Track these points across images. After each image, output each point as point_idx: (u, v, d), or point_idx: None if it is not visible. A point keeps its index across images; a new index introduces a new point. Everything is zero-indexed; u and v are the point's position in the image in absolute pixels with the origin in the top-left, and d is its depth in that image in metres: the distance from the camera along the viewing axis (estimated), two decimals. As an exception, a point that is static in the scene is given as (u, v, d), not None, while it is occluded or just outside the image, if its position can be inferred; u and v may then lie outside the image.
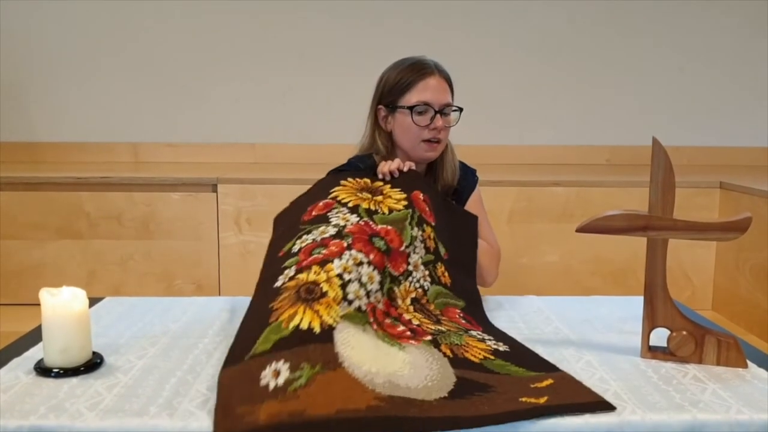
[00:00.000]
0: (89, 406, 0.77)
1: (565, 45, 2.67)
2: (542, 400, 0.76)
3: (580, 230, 0.96)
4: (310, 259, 0.97)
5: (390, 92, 1.27)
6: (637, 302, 1.19)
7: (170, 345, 0.98)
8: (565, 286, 2.13)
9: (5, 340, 1.02)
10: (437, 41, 2.57)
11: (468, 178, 1.37)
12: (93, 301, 1.20)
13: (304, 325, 0.84)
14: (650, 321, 0.94)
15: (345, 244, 0.99)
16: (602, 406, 0.76)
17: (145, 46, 2.59)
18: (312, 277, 0.93)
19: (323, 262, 0.95)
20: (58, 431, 0.73)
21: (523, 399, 0.76)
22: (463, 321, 1.03)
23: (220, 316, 1.12)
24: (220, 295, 2.02)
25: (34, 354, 0.93)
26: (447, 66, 1.32)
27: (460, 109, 1.28)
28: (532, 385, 0.80)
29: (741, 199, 2.04)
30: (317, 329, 0.84)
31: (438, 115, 1.23)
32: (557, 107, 2.70)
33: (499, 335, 1.00)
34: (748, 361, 0.91)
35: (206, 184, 2.09)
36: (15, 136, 2.58)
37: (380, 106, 1.29)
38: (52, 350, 0.87)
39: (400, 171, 1.17)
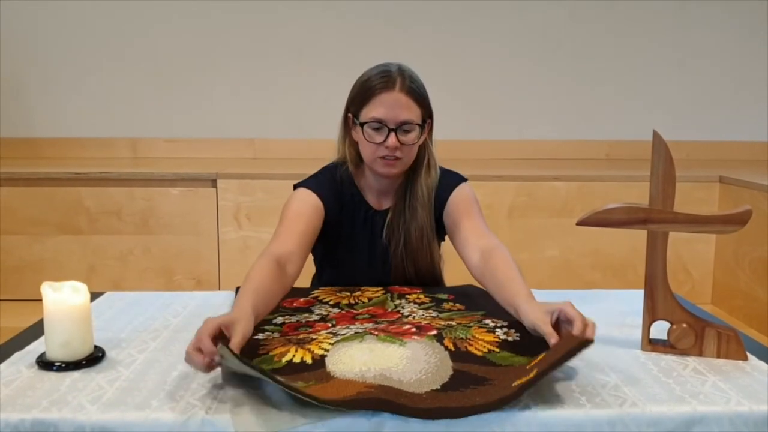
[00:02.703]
0: (91, 400, 0.77)
1: (564, 40, 2.67)
2: (532, 374, 0.76)
3: (580, 223, 0.96)
4: (295, 332, 0.99)
5: (353, 102, 1.20)
6: (637, 296, 1.19)
7: (171, 339, 0.98)
8: (566, 280, 2.13)
9: (5, 335, 1.02)
10: (436, 37, 2.57)
11: (446, 184, 1.25)
12: (94, 296, 1.20)
13: (297, 360, 0.86)
14: (650, 314, 0.94)
15: (329, 325, 1.01)
16: (579, 346, 0.77)
17: (144, 41, 2.58)
18: (301, 336, 0.96)
19: (310, 336, 0.96)
20: (60, 424, 0.73)
21: (516, 383, 0.76)
22: (479, 315, 1.04)
23: (221, 310, 1.11)
24: (219, 290, 2.03)
25: (35, 348, 0.93)
26: (446, 62, 1.30)
27: (422, 127, 1.17)
28: (527, 367, 0.81)
29: (741, 193, 2.04)
30: (309, 361, 0.86)
31: (393, 134, 1.13)
32: (557, 102, 2.70)
33: (516, 323, 0.99)
34: (748, 354, 0.91)
35: (205, 180, 2.09)
36: (14, 131, 2.58)
37: (349, 114, 1.21)
38: (53, 344, 0.87)
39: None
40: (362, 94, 1.18)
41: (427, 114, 1.20)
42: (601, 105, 2.71)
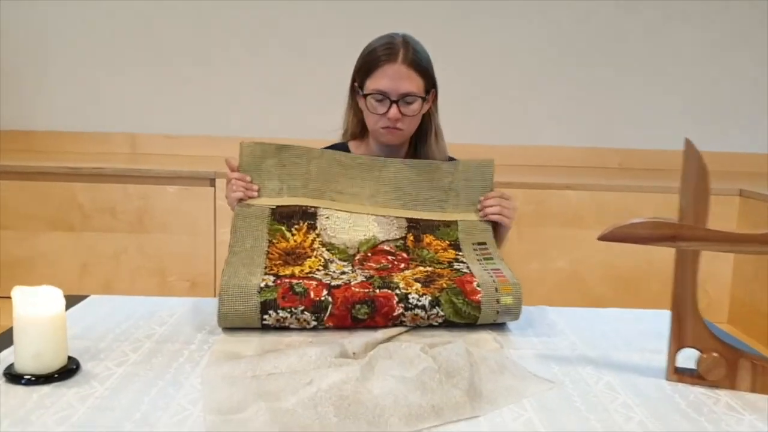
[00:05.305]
0: (58, 420, 0.70)
1: (577, 43, 2.59)
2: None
3: (602, 239, 0.88)
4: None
5: (359, 72, 1.22)
6: (658, 316, 1.12)
7: (154, 351, 0.91)
8: (575, 293, 2.05)
9: (-8, 334, 0.95)
10: (444, 37, 2.50)
11: None
12: (76, 299, 1.13)
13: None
14: (678, 340, 0.86)
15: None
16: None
17: (145, 34, 2.52)
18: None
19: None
20: (20, 448, 0.66)
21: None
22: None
23: (210, 320, 1.04)
24: (214, 293, 1.95)
25: (5, 357, 0.86)
26: (453, 63, 1.26)
27: (424, 98, 1.19)
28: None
29: (762, 207, 1.95)
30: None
31: (394, 105, 1.17)
32: (568, 107, 2.62)
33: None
34: (785, 388, 0.83)
35: (203, 178, 2.02)
36: (9, 123, 2.51)
37: (355, 83, 1.24)
38: (23, 355, 0.80)
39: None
40: (366, 65, 1.19)
41: (430, 84, 1.21)
42: (614, 111, 2.63)
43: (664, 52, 2.60)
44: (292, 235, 1.10)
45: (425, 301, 0.96)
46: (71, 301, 1.13)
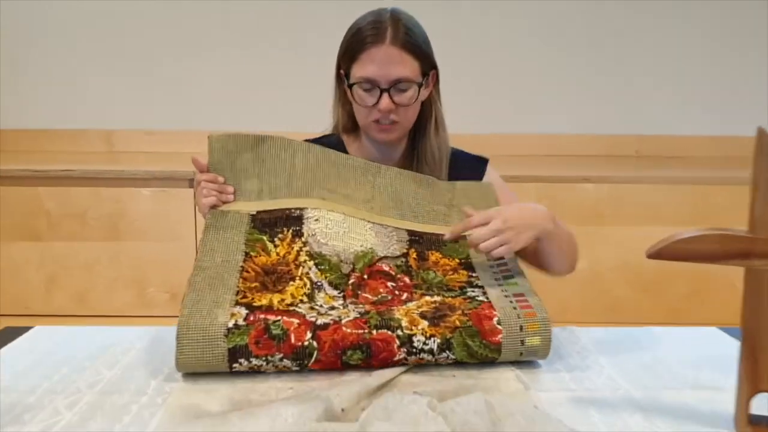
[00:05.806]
0: None
1: (590, 24, 2.39)
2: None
3: (652, 257, 0.71)
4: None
5: (343, 57, 1.05)
6: (707, 337, 0.94)
7: (95, 405, 0.73)
8: (593, 295, 1.87)
9: None
10: (446, 17, 2.30)
11: (469, 169, 1.13)
12: (17, 332, 0.96)
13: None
14: (752, 383, 0.68)
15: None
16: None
17: (123, 23, 2.32)
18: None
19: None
20: None
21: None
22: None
23: (172, 357, 0.87)
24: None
25: None
26: (456, 46, 1.09)
27: (420, 84, 1.01)
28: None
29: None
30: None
31: (385, 94, 0.99)
32: (580, 92, 2.43)
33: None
34: None
35: (182, 179, 1.83)
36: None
37: (341, 70, 1.06)
38: None
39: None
40: (351, 48, 1.02)
41: (428, 66, 1.04)
42: (629, 96, 2.43)
43: (683, 27, 2.40)
44: (275, 246, 0.92)
45: (433, 344, 0.78)
46: (10, 335, 0.96)
